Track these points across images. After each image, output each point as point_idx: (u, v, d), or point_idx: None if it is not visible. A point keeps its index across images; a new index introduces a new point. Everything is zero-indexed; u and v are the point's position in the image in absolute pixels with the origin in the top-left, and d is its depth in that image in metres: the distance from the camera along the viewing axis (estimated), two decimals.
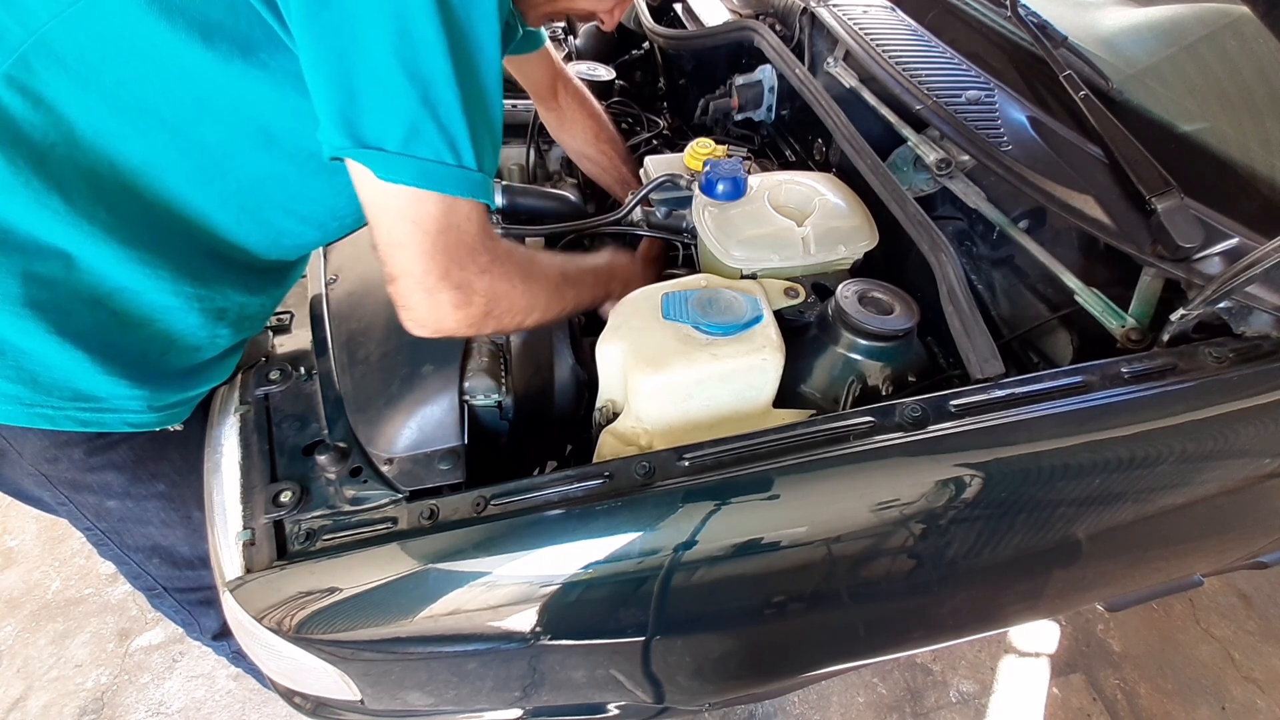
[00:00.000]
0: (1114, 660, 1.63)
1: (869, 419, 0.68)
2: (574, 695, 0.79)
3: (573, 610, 0.66)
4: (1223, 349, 0.74)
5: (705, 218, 0.92)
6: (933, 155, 0.92)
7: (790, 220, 0.90)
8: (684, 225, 1.03)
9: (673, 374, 0.71)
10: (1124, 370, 0.71)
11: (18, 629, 1.61)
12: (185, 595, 0.92)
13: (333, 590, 0.64)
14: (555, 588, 0.64)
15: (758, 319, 0.77)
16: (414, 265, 0.60)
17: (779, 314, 0.81)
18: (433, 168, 0.56)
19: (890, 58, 1.02)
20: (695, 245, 1.02)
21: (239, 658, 1.04)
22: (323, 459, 0.69)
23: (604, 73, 1.39)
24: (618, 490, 0.64)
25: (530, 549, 0.63)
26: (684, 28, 1.42)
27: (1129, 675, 1.61)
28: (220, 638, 0.99)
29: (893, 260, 0.95)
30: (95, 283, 0.63)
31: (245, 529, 0.68)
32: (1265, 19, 0.88)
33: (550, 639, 0.67)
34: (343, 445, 0.72)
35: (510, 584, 0.64)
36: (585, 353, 0.90)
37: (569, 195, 1.12)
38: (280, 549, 0.66)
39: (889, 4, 1.20)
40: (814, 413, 0.76)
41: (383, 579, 0.64)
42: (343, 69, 0.52)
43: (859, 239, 0.90)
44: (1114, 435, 0.69)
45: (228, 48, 0.57)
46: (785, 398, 0.79)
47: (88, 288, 0.63)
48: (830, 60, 1.14)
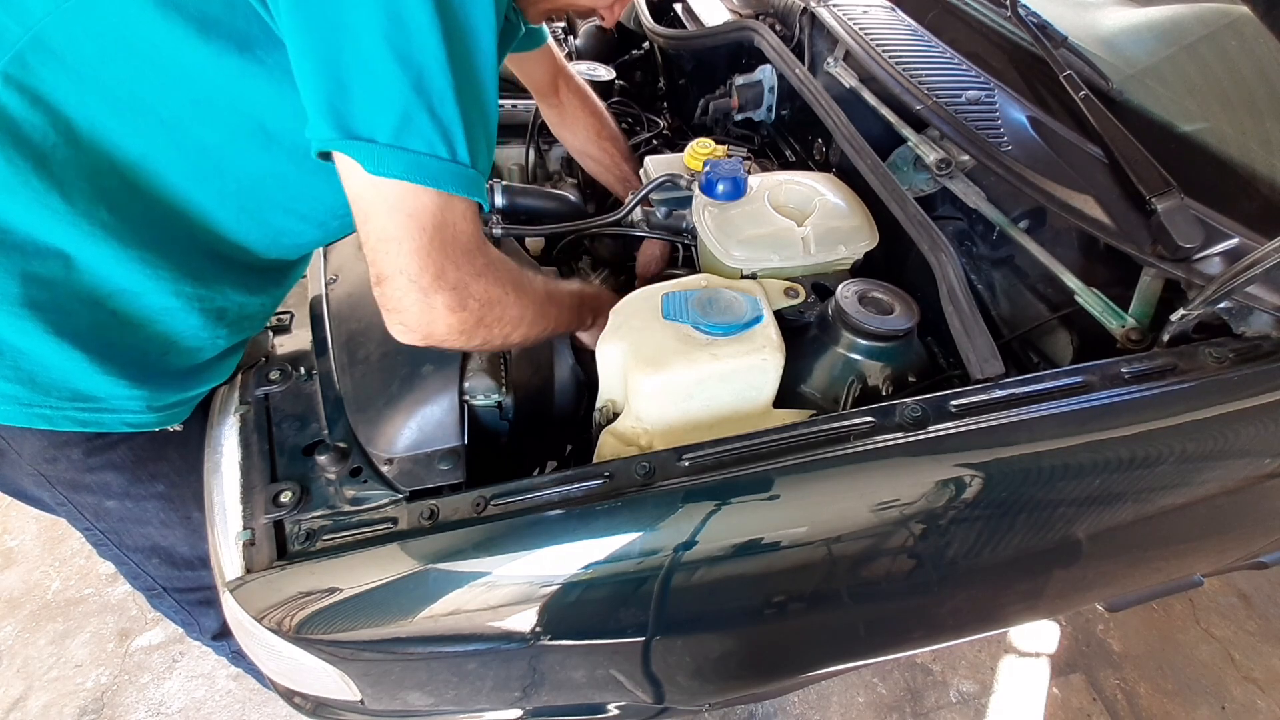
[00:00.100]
0: (1114, 660, 1.63)
1: (869, 419, 0.68)
2: (574, 695, 0.79)
3: (573, 610, 0.65)
4: (1223, 349, 0.74)
5: (705, 218, 0.92)
6: (933, 155, 0.92)
7: (790, 220, 0.90)
8: (684, 225, 1.03)
9: (673, 374, 0.71)
10: (1124, 370, 0.71)
11: (18, 629, 1.61)
12: (185, 595, 0.92)
13: (333, 590, 0.64)
14: (555, 588, 0.64)
15: (758, 319, 0.77)
16: (408, 263, 0.57)
17: (779, 314, 0.81)
18: (426, 161, 0.54)
19: (890, 58, 1.02)
20: (695, 245, 1.02)
21: (239, 658, 1.04)
22: (323, 459, 0.69)
23: (604, 73, 1.39)
24: (618, 490, 0.64)
25: (530, 549, 0.63)
26: (684, 28, 1.42)
27: (1129, 675, 1.61)
28: (220, 638, 0.99)
29: (893, 260, 0.95)
30: (95, 283, 0.63)
31: (245, 529, 0.68)
32: (1265, 19, 0.88)
33: (550, 639, 0.67)
34: (343, 445, 0.72)
35: (510, 584, 0.64)
36: (585, 353, 0.90)
37: (569, 195, 1.12)
38: (280, 549, 0.66)
39: (889, 4, 1.20)
40: (814, 413, 0.76)
41: (383, 579, 0.64)
42: (330, 55, 0.50)
43: (859, 239, 0.90)
44: (1114, 435, 0.69)
45: (225, 44, 0.56)
46: (785, 398, 0.79)
47: (87, 288, 0.63)
48: (830, 60, 1.14)
